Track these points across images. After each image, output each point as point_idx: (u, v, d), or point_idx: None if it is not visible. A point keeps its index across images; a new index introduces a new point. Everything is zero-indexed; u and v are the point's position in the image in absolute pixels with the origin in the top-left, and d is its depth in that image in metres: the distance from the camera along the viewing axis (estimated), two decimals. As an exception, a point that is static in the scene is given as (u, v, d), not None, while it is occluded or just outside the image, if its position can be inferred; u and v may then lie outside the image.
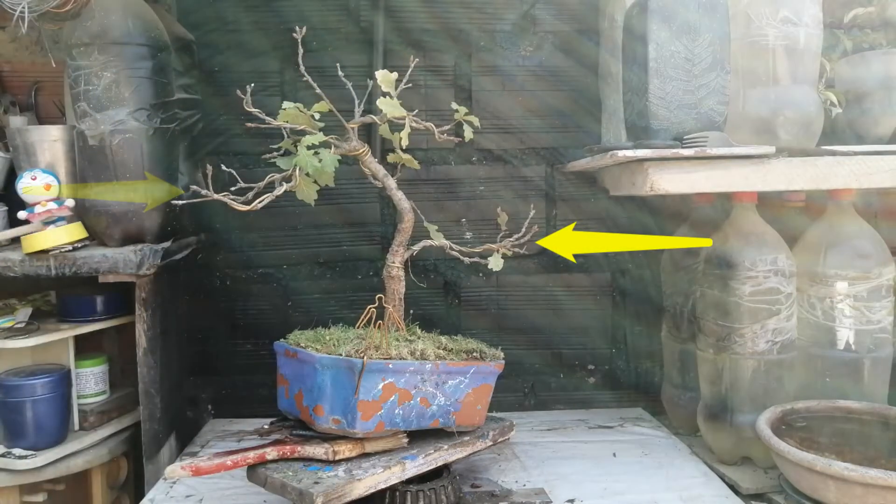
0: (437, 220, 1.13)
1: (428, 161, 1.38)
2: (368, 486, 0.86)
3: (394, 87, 1.00)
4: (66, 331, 1.17)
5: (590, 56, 1.38)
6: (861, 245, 1.10)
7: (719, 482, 1.06)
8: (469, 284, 1.42)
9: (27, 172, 1.11)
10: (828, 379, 1.10)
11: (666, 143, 1.00)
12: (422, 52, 1.37)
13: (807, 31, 1.09)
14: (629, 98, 1.08)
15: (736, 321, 1.08)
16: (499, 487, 1.03)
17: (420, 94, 1.37)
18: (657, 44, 1.01)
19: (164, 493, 1.05)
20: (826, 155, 1.02)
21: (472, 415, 1.01)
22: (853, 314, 1.09)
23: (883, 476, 0.83)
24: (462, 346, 1.02)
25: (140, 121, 1.09)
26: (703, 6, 1.02)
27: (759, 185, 1.01)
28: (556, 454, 1.18)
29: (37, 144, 1.13)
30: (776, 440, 0.94)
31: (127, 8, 1.09)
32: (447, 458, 0.97)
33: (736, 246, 1.10)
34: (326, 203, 1.06)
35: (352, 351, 0.92)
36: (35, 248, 1.06)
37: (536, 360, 1.43)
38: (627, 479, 1.08)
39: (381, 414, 0.91)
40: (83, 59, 1.07)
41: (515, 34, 1.40)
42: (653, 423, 1.33)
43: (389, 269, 1.05)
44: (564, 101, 1.40)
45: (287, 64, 1.33)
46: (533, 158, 1.41)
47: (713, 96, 1.03)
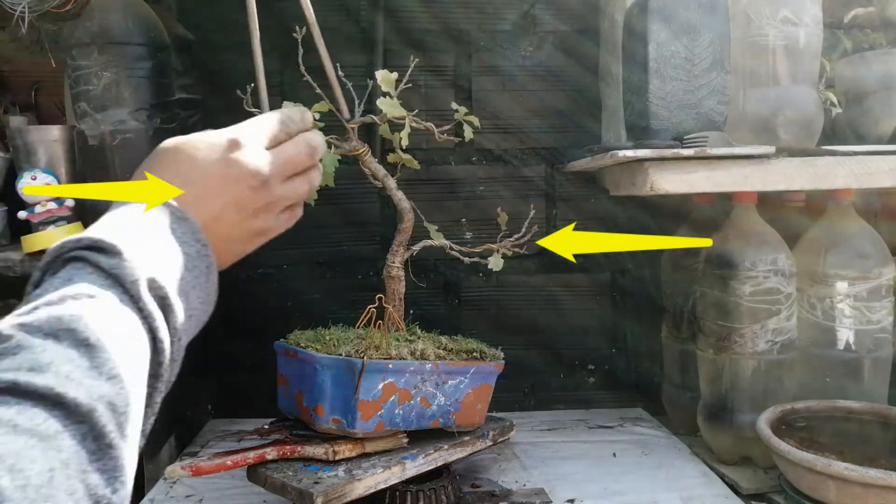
0: (437, 220, 1.13)
1: (428, 161, 1.38)
2: (368, 486, 0.87)
3: (394, 87, 0.99)
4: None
5: (590, 56, 1.38)
6: (861, 245, 1.10)
7: (719, 482, 1.06)
8: (469, 284, 1.42)
9: (27, 172, 1.11)
10: (828, 379, 1.10)
11: (666, 143, 1.00)
12: (422, 52, 1.37)
13: (807, 31, 1.09)
14: (629, 98, 1.08)
15: (736, 321, 1.08)
16: (499, 487, 1.03)
17: (420, 94, 1.36)
18: (657, 44, 1.01)
19: (163, 493, 1.05)
20: (826, 155, 1.02)
21: (472, 415, 1.01)
22: (853, 314, 1.09)
23: (883, 476, 0.83)
24: (462, 346, 1.02)
25: (140, 121, 1.09)
26: (703, 6, 1.02)
27: (759, 185, 1.01)
28: (556, 454, 1.18)
29: (37, 144, 1.13)
30: (776, 440, 0.94)
31: (127, 8, 1.09)
32: (447, 458, 0.97)
33: (736, 246, 1.10)
34: (326, 203, 1.05)
35: (352, 351, 0.92)
36: (35, 248, 1.06)
37: (536, 360, 1.43)
38: (627, 479, 1.08)
39: (381, 414, 0.91)
40: (83, 59, 1.07)
41: (515, 34, 1.40)
42: (653, 423, 1.33)
43: (389, 269, 1.05)
44: (564, 101, 1.40)
45: (287, 64, 1.33)
46: (533, 158, 1.41)
47: (713, 96, 1.03)
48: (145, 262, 0.46)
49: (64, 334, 0.40)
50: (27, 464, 0.34)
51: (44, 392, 0.36)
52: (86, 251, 0.45)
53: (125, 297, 0.44)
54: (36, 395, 0.36)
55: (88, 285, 0.43)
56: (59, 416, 0.36)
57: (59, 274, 0.45)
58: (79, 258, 0.45)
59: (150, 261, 0.47)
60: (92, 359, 0.40)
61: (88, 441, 0.37)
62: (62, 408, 0.37)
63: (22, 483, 0.33)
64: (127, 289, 0.44)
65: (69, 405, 0.37)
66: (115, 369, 0.40)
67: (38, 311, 0.41)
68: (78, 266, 0.45)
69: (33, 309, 0.41)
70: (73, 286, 0.43)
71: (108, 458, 0.38)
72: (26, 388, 0.36)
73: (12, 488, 0.32)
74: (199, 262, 0.52)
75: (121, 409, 0.40)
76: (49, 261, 0.46)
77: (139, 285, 0.45)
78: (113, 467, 0.38)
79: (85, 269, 0.44)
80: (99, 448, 0.38)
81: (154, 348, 0.45)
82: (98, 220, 0.50)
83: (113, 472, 0.38)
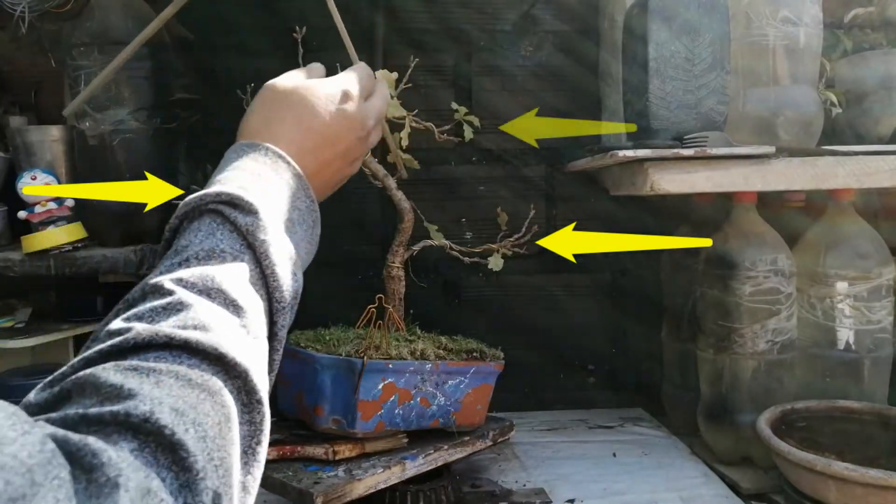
0: (437, 220, 1.13)
1: (428, 161, 1.37)
2: (368, 486, 0.86)
3: (394, 87, 1.00)
4: (66, 331, 1.17)
5: (590, 56, 1.38)
6: (861, 245, 1.10)
7: (719, 482, 1.06)
8: (469, 284, 1.41)
9: (27, 172, 1.11)
10: (828, 379, 1.10)
11: (666, 143, 1.00)
12: (422, 52, 1.36)
13: (807, 31, 1.09)
14: (629, 98, 1.08)
15: (736, 321, 1.08)
16: (499, 487, 1.03)
17: (420, 94, 1.36)
18: (657, 44, 1.01)
19: (164, 493, 1.05)
20: (826, 155, 1.02)
21: (472, 415, 1.01)
22: (853, 314, 1.09)
23: (883, 476, 0.83)
24: (462, 346, 1.02)
25: (140, 121, 1.09)
26: (703, 6, 1.02)
27: (759, 185, 1.01)
28: (556, 454, 1.18)
29: (37, 144, 1.13)
30: (776, 440, 0.94)
31: (127, 8, 1.09)
32: (447, 458, 0.97)
33: (736, 246, 1.10)
34: (326, 203, 1.05)
35: (352, 351, 0.92)
36: (35, 248, 1.06)
37: (536, 360, 1.43)
38: (627, 479, 1.08)
39: (381, 414, 0.91)
40: (83, 59, 1.07)
41: (515, 34, 1.39)
42: (653, 423, 1.33)
43: (389, 269, 1.05)
44: (564, 101, 1.40)
45: (287, 64, 1.33)
46: (533, 158, 1.41)
47: (713, 96, 1.03)
48: (274, 221, 0.49)
49: (215, 293, 0.43)
50: (203, 417, 0.36)
51: (209, 351, 0.39)
52: (224, 206, 0.47)
53: (255, 258, 0.47)
54: (203, 353, 0.39)
55: (228, 244, 0.46)
56: (221, 373, 0.39)
57: (199, 226, 0.47)
58: (217, 212, 0.47)
59: (278, 219, 0.50)
60: (240, 319, 0.43)
61: (242, 395, 0.40)
62: (223, 365, 0.40)
63: (202, 435, 0.36)
64: (257, 248, 0.47)
65: (229, 363, 0.40)
66: (257, 330, 0.44)
67: (191, 266, 0.44)
68: (217, 221, 0.47)
69: (184, 261, 0.45)
70: (214, 243, 0.46)
71: (255, 413, 0.41)
72: (196, 346, 0.39)
73: (194, 440, 0.35)
74: (308, 216, 0.54)
75: (264, 365, 0.44)
76: (187, 210, 0.48)
77: (268, 245, 0.47)
78: (259, 421, 0.41)
79: (224, 225, 0.47)
80: (250, 402, 0.41)
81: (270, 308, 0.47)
82: (224, 165, 0.52)
83: (259, 426, 0.41)
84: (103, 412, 0.34)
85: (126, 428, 0.34)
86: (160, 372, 0.37)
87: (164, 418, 0.34)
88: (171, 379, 0.37)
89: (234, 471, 0.38)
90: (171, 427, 0.34)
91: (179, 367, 0.38)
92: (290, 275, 0.49)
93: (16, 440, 0.27)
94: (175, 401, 0.36)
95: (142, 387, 0.35)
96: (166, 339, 0.39)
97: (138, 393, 0.35)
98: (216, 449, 0.36)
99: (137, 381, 0.36)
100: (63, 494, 0.28)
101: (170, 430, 0.34)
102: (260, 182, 0.50)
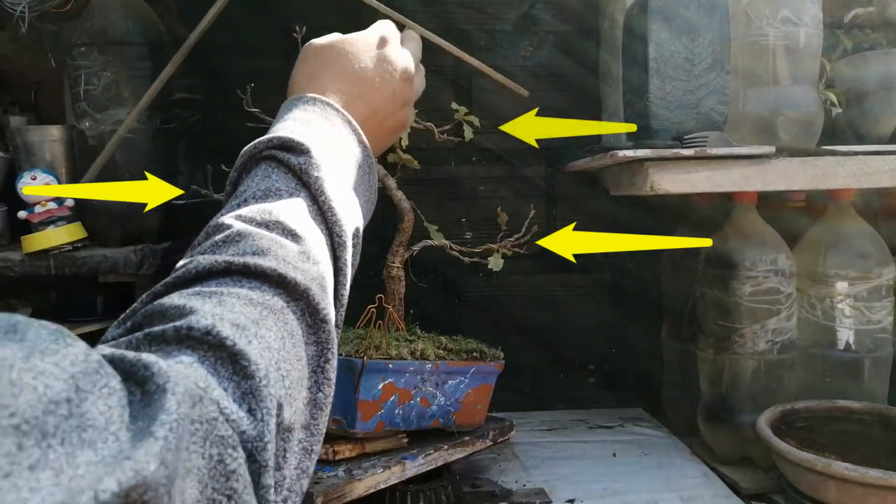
0: (437, 220, 1.13)
1: (428, 161, 1.37)
2: (368, 486, 0.87)
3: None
4: (66, 331, 1.16)
5: (590, 56, 1.38)
6: (861, 245, 1.10)
7: (719, 482, 1.06)
8: (469, 284, 1.41)
9: (27, 172, 1.11)
10: (828, 379, 1.10)
11: (666, 143, 1.00)
12: (422, 52, 1.36)
13: (807, 31, 1.09)
14: (629, 98, 1.08)
15: (736, 321, 1.08)
16: (499, 487, 1.03)
17: (420, 93, 1.36)
18: (657, 44, 1.01)
19: (164, 493, 1.05)
20: (826, 155, 1.02)
21: (472, 415, 1.01)
22: (853, 314, 1.09)
23: (883, 476, 0.83)
24: (462, 346, 1.02)
25: (140, 121, 1.09)
26: (703, 6, 1.02)
27: (759, 185, 1.01)
28: (556, 454, 1.18)
29: (37, 144, 1.13)
30: (776, 440, 0.94)
31: (127, 8, 1.09)
32: (447, 458, 0.97)
33: (736, 246, 1.10)
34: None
35: (352, 351, 0.92)
36: (35, 248, 1.06)
37: (536, 360, 1.43)
38: (627, 479, 1.08)
39: (381, 414, 0.91)
40: (83, 59, 1.07)
41: (515, 34, 1.39)
42: (653, 423, 1.33)
43: (389, 269, 1.05)
44: (564, 101, 1.40)
45: (287, 64, 1.33)
46: (533, 158, 1.41)
47: (713, 96, 1.03)
48: (327, 161, 0.50)
49: (273, 225, 0.44)
50: (266, 332, 0.38)
51: (269, 273, 0.41)
52: (277, 150, 0.49)
53: (311, 195, 0.48)
54: (263, 275, 0.41)
55: (284, 183, 0.48)
56: (283, 294, 0.41)
57: (255, 172, 0.49)
58: (271, 157, 0.49)
59: (331, 160, 0.51)
60: (300, 245, 0.44)
61: (307, 316, 0.42)
62: (284, 286, 0.41)
63: (265, 346, 0.37)
64: (311, 185, 0.48)
65: (290, 284, 0.41)
66: (318, 256, 0.45)
67: (249, 205, 0.46)
68: (272, 165, 0.49)
69: (242, 202, 0.47)
70: (270, 183, 0.48)
71: (321, 332, 0.42)
72: (255, 269, 0.40)
73: (257, 350, 0.36)
74: (363, 161, 0.56)
75: (328, 290, 0.45)
76: (244, 161, 0.50)
77: (322, 181, 0.48)
78: (325, 340, 0.43)
79: (279, 168, 0.49)
80: (315, 322, 0.42)
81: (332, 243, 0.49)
82: (276, 120, 0.54)
83: (326, 345, 0.43)
84: (166, 328, 0.35)
85: (187, 341, 0.35)
86: (221, 294, 0.38)
87: (226, 331, 0.35)
88: (232, 299, 0.38)
89: (301, 386, 0.39)
90: (232, 338, 0.35)
91: (241, 290, 0.39)
92: (348, 210, 0.50)
93: (58, 351, 0.27)
94: (237, 316, 0.37)
95: (203, 305, 0.37)
96: (226, 265, 0.40)
97: (199, 310, 0.36)
98: (281, 360, 0.37)
99: (200, 302, 0.37)
100: (115, 401, 0.28)
101: (231, 340, 0.35)
102: (311, 127, 0.52)
